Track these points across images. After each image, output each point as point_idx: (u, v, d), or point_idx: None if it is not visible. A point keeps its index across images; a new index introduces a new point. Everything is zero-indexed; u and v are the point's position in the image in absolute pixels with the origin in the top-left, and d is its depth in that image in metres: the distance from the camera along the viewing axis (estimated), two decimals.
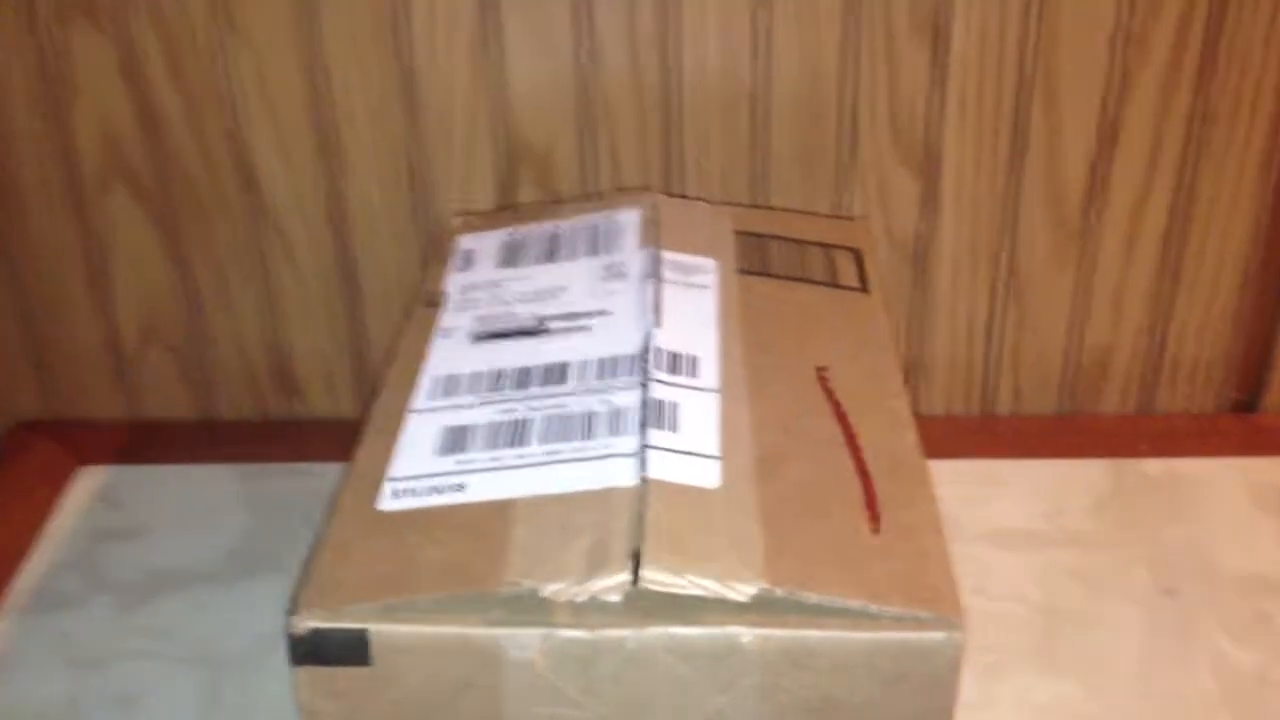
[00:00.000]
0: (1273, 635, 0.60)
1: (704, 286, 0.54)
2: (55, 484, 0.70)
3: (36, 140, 0.71)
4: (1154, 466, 0.71)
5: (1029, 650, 0.59)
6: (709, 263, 0.56)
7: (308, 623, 0.38)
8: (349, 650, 0.38)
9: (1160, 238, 0.73)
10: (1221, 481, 0.70)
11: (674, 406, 0.46)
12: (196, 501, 0.66)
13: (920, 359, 0.77)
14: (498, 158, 0.71)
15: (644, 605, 0.39)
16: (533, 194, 0.72)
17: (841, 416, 0.47)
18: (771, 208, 0.73)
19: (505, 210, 0.73)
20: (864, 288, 0.57)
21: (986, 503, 0.68)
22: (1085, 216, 0.72)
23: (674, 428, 0.45)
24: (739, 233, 0.60)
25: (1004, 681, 0.57)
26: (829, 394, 0.49)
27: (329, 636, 0.38)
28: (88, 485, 0.70)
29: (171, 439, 0.75)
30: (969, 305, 0.75)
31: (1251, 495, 0.69)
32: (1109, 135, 0.70)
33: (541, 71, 0.69)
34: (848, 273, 0.58)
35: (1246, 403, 0.77)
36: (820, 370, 0.50)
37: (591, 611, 0.39)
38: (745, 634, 0.38)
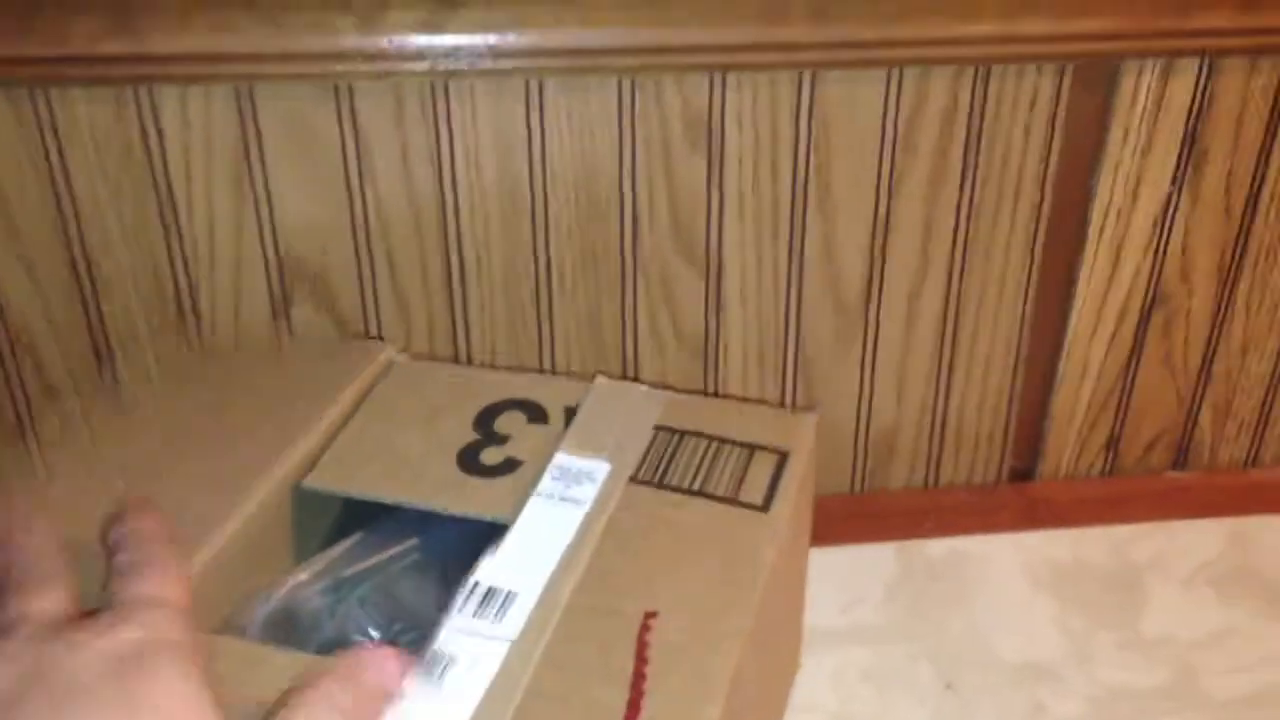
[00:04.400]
0: None
1: (578, 502, 0.51)
2: None
3: None
4: (937, 547, 0.74)
5: None
6: (602, 468, 0.53)
7: None
8: None
9: (937, 320, 0.75)
10: (1000, 560, 0.73)
11: (449, 661, 0.43)
12: None
13: None
14: (270, 277, 0.69)
15: None
16: (311, 312, 0.70)
17: (638, 681, 0.43)
18: (720, 395, 0.73)
19: None
20: (765, 506, 0.52)
21: None
22: (865, 304, 0.74)
23: (436, 687, 0.42)
24: (660, 427, 0.56)
25: None
26: (641, 648, 0.44)
27: None
28: None
29: None
30: (759, 394, 0.76)
31: (1029, 573, 0.72)
32: (883, 228, 0.72)
33: (310, 194, 0.67)
34: (756, 484, 0.53)
35: (1024, 471, 0.81)
36: (648, 617, 0.45)
37: None
38: None
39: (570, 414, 0.57)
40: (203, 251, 0.68)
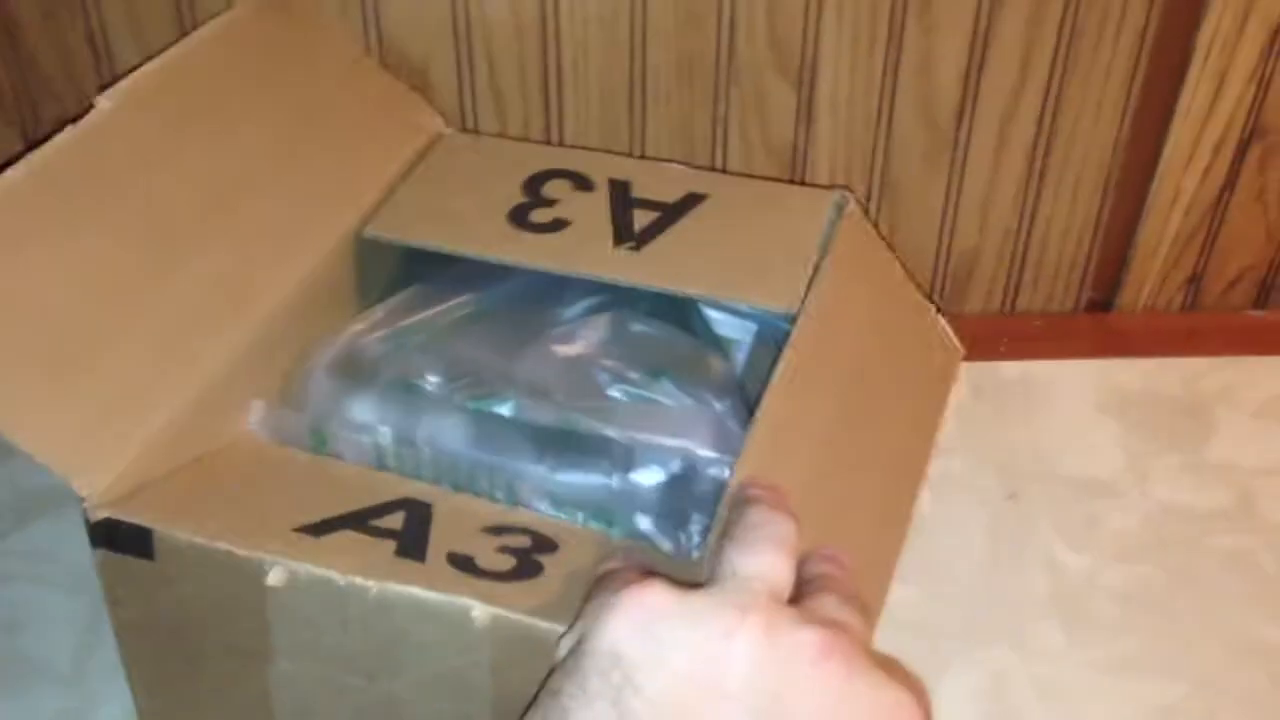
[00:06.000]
0: (1103, 537, 0.65)
1: None
2: None
3: None
4: (1011, 369, 0.75)
5: None
6: None
7: (100, 512, 0.42)
8: (136, 542, 0.42)
9: (1028, 144, 0.75)
10: (1070, 384, 0.75)
11: None
12: None
13: None
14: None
15: (399, 565, 0.41)
16: None
17: None
18: None
19: None
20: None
21: None
22: (957, 124, 0.74)
23: None
24: None
25: None
26: None
27: (119, 527, 0.42)
28: None
29: None
30: None
31: (1098, 397, 0.74)
32: (981, 45, 0.71)
33: None
34: None
35: (1104, 301, 0.81)
36: None
37: (352, 556, 0.41)
38: (477, 609, 0.40)
39: (615, 185, 0.58)
40: None
